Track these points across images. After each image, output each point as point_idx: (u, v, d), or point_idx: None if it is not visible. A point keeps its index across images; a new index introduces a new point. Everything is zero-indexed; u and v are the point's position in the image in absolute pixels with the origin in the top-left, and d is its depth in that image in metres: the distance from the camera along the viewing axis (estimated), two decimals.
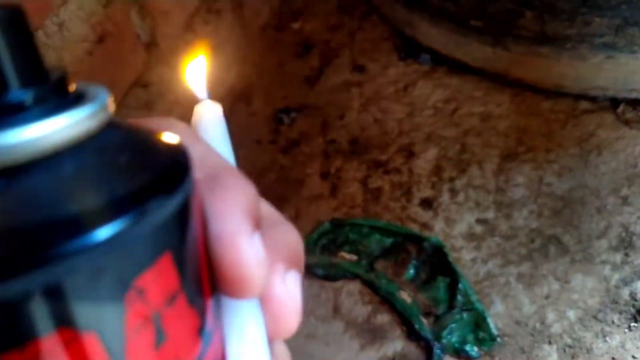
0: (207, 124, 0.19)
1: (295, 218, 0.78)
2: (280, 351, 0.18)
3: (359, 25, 1.05)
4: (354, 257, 0.73)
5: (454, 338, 0.64)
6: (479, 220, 0.75)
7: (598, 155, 0.78)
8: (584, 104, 0.84)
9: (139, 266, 0.12)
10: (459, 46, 0.90)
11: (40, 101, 0.12)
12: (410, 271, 0.70)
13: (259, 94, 0.95)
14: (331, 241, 0.75)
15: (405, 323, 0.66)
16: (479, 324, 0.65)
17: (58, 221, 0.11)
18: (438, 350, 0.63)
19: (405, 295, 0.68)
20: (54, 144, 0.11)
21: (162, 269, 0.12)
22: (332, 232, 0.75)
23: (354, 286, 0.71)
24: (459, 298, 0.66)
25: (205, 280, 0.14)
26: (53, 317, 0.11)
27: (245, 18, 0.99)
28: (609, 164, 0.77)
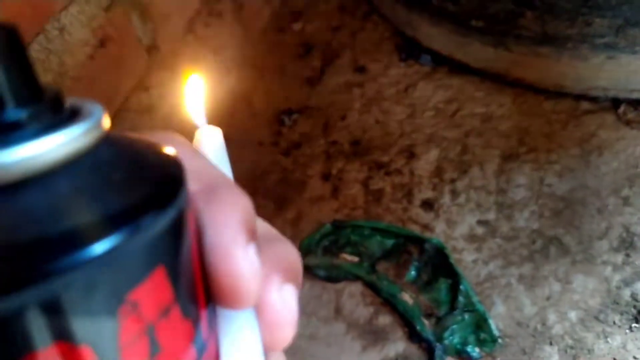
0: (208, 149, 0.20)
1: (297, 220, 0.78)
2: None
3: (360, 25, 1.05)
4: (356, 259, 0.73)
5: (456, 339, 0.64)
6: (480, 222, 0.75)
7: (599, 156, 0.78)
8: (585, 105, 0.84)
9: (132, 280, 0.12)
10: (460, 47, 0.90)
11: (35, 119, 0.12)
12: (412, 273, 0.70)
13: (260, 96, 0.95)
14: (333, 243, 0.75)
15: (406, 324, 0.66)
16: (480, 325, 0.65)
17: (53, 237, 0.11)
18: (439, 352, 0.63)
19: (406, 297, 0.68)
20: (48, 162, 0.11)
21: (156, 283, 0.12)
22: (334, 234, 0.75)
23: (356, 288, 0.71)
24: (461, 299, 0.66)
25: (200, 292, 0.14)
26: (48, 332, 0.11)
27: (246, 19, 1.00)
28: (610, 165, 0.77)
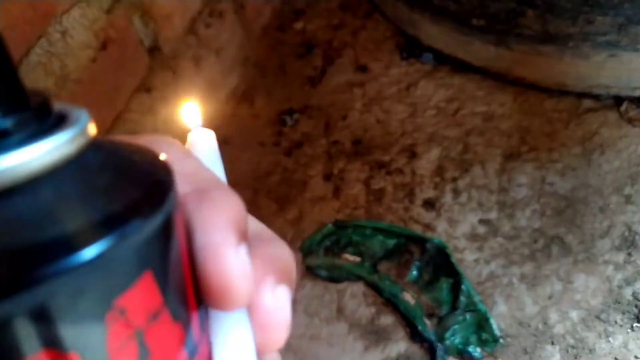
0: (201, 151, 0.19)
1: (298, 220, 0.79)
2: None
3: (361, 24, 1.05)
4: (357, 259, 0.73)
5: (457, 339, 0.65)
6: (482, 221, 0.75)
7: (601, 154, 0.78)
8: (587, 103, 0.84)
9: (119, 286, 0.12)
10: (461, 45, 0.90)
11: (21, 127, 0.12)
12: (414, 272, 0.70)
13: (262, 96, 0.95)
14: (334, 243, 0.75)
15: (408, 324, 0.67)
16: (481, 325, 0.65)
17: (39, 245, 0.11)
18: (441, 352, 0.64)
19: (408, 297, 0.69)
20: (34, 170, 0.11)
21: (144, 288, 0.12)
22: (336, 234, 0.76)
23: (358, 287, 0.71)
24: (462, 299, 0.67)
25: (191, 294, 0.14)
26: (36, 339, 0.11)
27: (247, 19, 0.99)
28: (612, 163, 0.77)
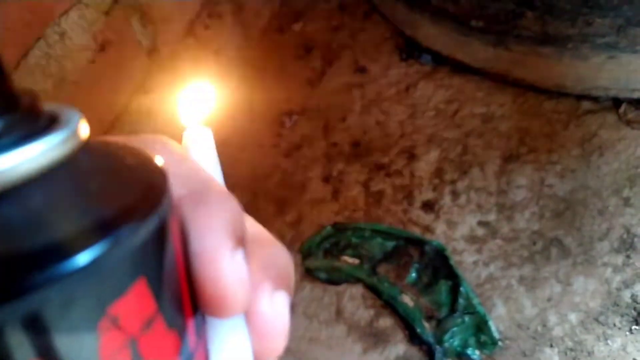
0: (197, 149, 0.19)
1: (297, 222, 0.79)
2: None
3: (360, 25, 1.05)
4: (356, 261, 0.73)
5: (456, 342, 0.65)
6: (481, 223, 0.75)
7: (600, 156, 0.78)
8: (586, 104, 0.84)
9: (112, 294, 0.12)
10: (460, 46, 0.90)
11: (10, 130, 0.11)
12: (412, 275, 0.70)
13: (261, 97, 0.95)
14: (333, 245, 0.75)
15: (407, 327, 0.67)
16: (480, 328, 0.65)
17: (29, 252, 0.11)
18: (440, 354, 0.64)
19: (407, 299, 0.69)
20: (24, 173, 0.11)
21: (137, 295, 0.12)
22: (335, 236, 0.76)
23: (357, 290, 0.71)
24: (461, 301, 0.67)
25: (186, 300, 0.14)
26: (28, 348, 0.11)
27: (246, 21, 0.99)
28: (611, 165, 0.77)
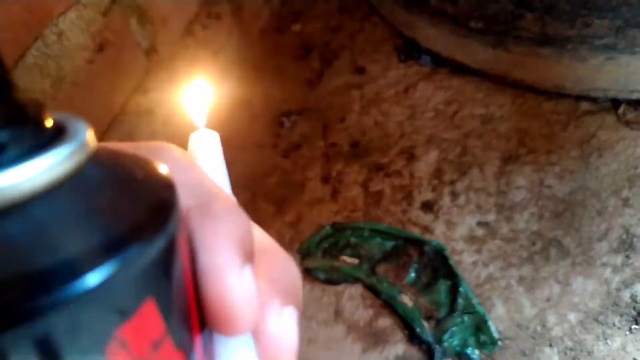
0: (203, 153, 0.19)
1: (296, 222, 0.79)
2: None
3: (359, 26, 1.05)
4: (355, 261, 0.73)
5: (455, 341, 0.64)
6: (480, 223, 0.75)
7: (599, 157, 0.78)
8: (585, 105, 0.84)
9: (120, 316, 0.11)
10: (460, 47, 0.90)
11: (15, 142, 0.11)
12: (412, 275, 0.70)
13: (260, 98, 0.95)
14: (332, 245, 0.75)
15: (406, 327, 0.67)
16: (480, 327, 0.65)
17: (34, 273, 0.10)
18: (439, 354, 0.64)
19: (406, 299, 0.68)
20: (32, 188, 0.11)
21: (145, 317, 0.12)
22: (334, 236, 0.75)
23: (356, 290, 0.71)
24: (460, 301, 0.67)
25: (194, 317, 0.14)
26: None
27: (245, 21, 0.99)
28: (609, 166, 0.77)
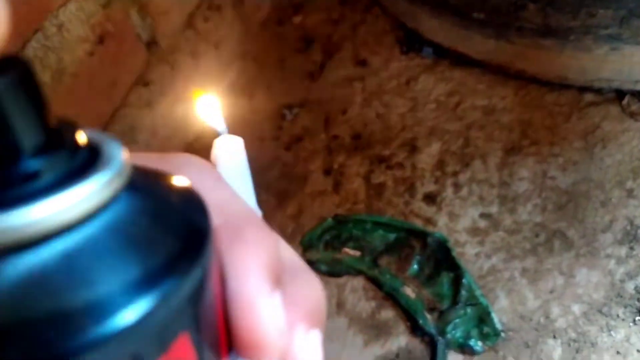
0: (227, 159, 0.18)
1: (298, 214, 0.78)
2: None
3: (360, 18, 1.05)
4: (358, 253, 0.73)
5: (458, 333, 0.64)
6: (483, 215, 0.74)
7: (603, 148, 0.77)
8: (588, 96, 0.83)
9: (154, 353, 0.11)
10: (462, 39, 0.89)
11: (51, 169, 0.10)
12: (414, 266, 0.70)
13: (261, 90, 0.95)
14: (334, 237, 0.75)
15: (409, 318, 0.66)
16: (483, 319, 0.65)
17: (68, 311, 0.10)
18: (442, 346, 0.63)
19: (409, 291, 0.68)
20: (66, 220, 0.10)
21: (179, 352, 0.11)
22: (336, 228, 0.75)
23: (358, 282, 0.71)
24: (463, 293, 0.66)
25: (223, 342, 0.14)
26: None
27: (246, 13, 0.99)
28: (614, 157, 0.76)
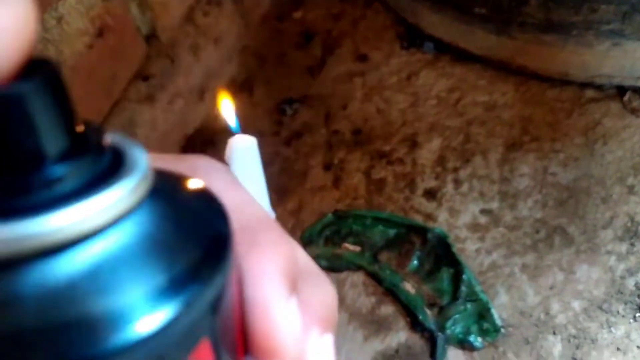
0: (241, 158, 0.19)
1: (298, 210, 0.78)
2: None
3: (361, 13, 1.04)
4: (358, 249, 0.73)
5: (458, 329, 0.64)
6: (483, 211, 0.74)
7: (604, 145, 0.77)
8: (589, 93, 0.83)
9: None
10: (463, 34, 0.89)
11: (76, 175, 0.10)
12: (414, 262, 0.70)
13: (261, 85, 0.95)
14: (334, 232, 0.75)
15: (409, 314, 0.66)
16: (483, 315, 0.65)
17: (92, 318, 0.10)
18: (442, 341, 0.63)
19: (409, 287, 0.68)
20: (90, 228, 0.10)
21: (200, 357, 0.12)
22: (336, 224, 0.75)
23: (358, 277, 0.71)
24: (463, 289, 0.66)
25: (240, 346, 0.14)
26: None
27: (246, 8, 0.99)
28: (615, 153, 0.76)
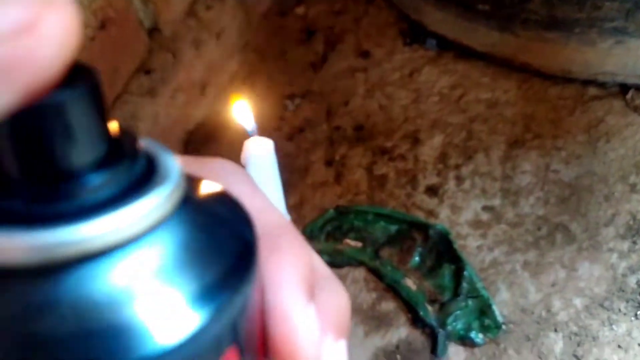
0: (257, 161, 0.19)
1: (300, 205, 0.78)
2: None
3: (364, 9, 1.04)
4: (359, 244, 0.72)
5: (459, 325, 0.64)
6: (485, 208, 0.74)
7: (606, 142, 0.77)
8: (592, 90, 0.83)
9: None
10: (466, 31, 0.89)
11: (112, 183, 0.10)
12: (416, 258, 0.70)
13: (263, 81, 0.94)
14: (336, 228, 0.74)
15: (410, 310, 0.66)
16: (484, 311, 0.65)
17: (127, 325, 0.10)
18: (443, 337, 0.63)
19: (410, 283, 0.68)
20: (128, 235, 0.10)
21: None
22: (337, 219, 0.75)
23: (359, 273, 0.70)
24: (464, 285, 0.66)
25: (261, 351, 0.14)
26: None
27: (248, 3, 0.98)
28: (617, 151, 0.76)
